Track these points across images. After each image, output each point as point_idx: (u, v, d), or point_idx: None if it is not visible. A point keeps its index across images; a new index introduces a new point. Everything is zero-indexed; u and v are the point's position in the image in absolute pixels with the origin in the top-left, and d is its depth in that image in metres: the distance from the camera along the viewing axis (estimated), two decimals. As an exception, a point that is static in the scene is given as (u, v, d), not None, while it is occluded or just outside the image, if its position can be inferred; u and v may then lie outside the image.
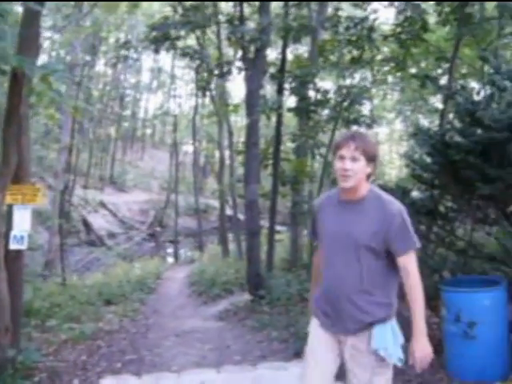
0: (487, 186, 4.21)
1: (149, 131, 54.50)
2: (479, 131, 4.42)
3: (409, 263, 2.84)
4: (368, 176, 2.88)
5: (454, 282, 4.99)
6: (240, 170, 16.10)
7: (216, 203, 25.72)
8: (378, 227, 2.80)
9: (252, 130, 9.21)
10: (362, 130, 10.94)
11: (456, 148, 4.40)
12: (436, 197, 5.37)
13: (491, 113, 4.32)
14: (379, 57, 11.59)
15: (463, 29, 9.32)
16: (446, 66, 12.12)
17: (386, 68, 12.02)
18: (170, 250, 26.55)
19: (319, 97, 10.43)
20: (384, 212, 2.81)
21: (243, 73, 10.32)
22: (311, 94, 10.68)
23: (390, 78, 15.32)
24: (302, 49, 17.66)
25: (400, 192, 5.08)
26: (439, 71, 14.78)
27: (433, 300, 5.43)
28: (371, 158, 2.83)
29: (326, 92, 10.35)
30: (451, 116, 8.28)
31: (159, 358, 6.40)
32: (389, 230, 2.79)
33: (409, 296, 2.83)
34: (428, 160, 5.06)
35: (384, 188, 5.91)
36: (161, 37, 10.11)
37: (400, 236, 2.82)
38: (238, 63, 10.95)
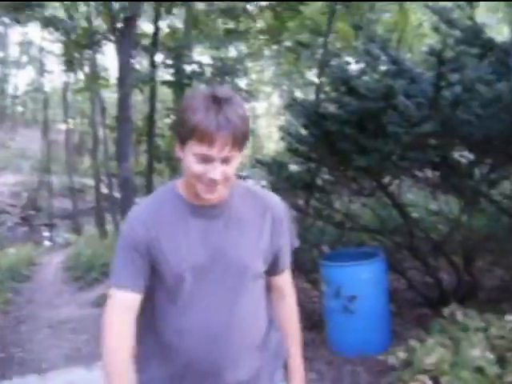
0: (363, 158, 4.12)
1: (20, 109, 51.57)
2: (355, 101, 4.32)
3: (289, 280, 2.04)
4: None
5: (333, 256, 4.93)
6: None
7: (93, 182, 24.82)
8: (268, 238, 1.86)
9: (123, 104, 8.75)
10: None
11: (331, 119, 4.28)
12: (313, 170, 5.27)
13: (366, 82, 4.23)
14: (255, 29, 11.44)
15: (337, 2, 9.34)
16: (321, 40, 12.19)
17: (262, 40, 11.91)
18: (46, 234, 25.33)
19: (194, 69, 10.11)
20: (271, 212, 1.87)
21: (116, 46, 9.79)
22: (186, 67, 10.34)
23: (266, 52, 15.26)
24: (179, 24, 17.27)
25: (276, 166, 4.93)
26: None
27: (312, 274, 5.37)
28: (245, 143, 1.73)
29: (200, 64, 10.05)
30: (327, 89, 8.28)
31: (30, 354, 5.96)
32: (280, 238, 1.90)
33: (289, 326, 2.03)
34: (304, 132, 4.93)
35: (261, 162, 5.78)
36: (21, 4, 9.30)
37: (288, 245, 1.97)
38: (109, 35, 10.39)
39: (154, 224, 1.79)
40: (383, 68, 4.63)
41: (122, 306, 1.81)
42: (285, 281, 2.02)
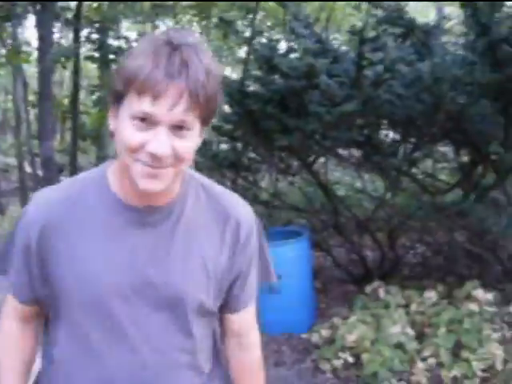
0: (285, 137, 4.09)
1: None
2: (278, 80, 4.28)
3: (252, 324, 1.41)
4: None
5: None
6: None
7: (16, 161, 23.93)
8: (225, 260, 1.27)
9: (45, 80, 8.38)
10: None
11: (254, 97, 4.22)
12: (239, 148, 5.22)
13: (289, 60, 4.19)
14: (183, 3, 11.21)
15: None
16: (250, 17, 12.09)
17: (189, 16, 11.71)
18: (-32, 215, 24.31)
19: (120, 45, 9.79)
20: (234, 226, 1.28)
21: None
22: (112, 42, 10.00)
23: (196, 28, 15.03)
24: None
25: (201, 144, 4.82)
26: (245, 23, 14.78)
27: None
28: (212, 115, 1.15)
29: (126, 39, 9.74)
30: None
31: None
32: (242, 262, 1.30)
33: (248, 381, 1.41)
34: (227, 110, 4.85)
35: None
36: None
37: (254, 274, 1.35)
38: (29, 7, 9.90)
39: (61, 224, 1.20)
40: (306, 45, 4.60)
41: (17, 316, 1.34)
42: (242, 324, 1.38)
